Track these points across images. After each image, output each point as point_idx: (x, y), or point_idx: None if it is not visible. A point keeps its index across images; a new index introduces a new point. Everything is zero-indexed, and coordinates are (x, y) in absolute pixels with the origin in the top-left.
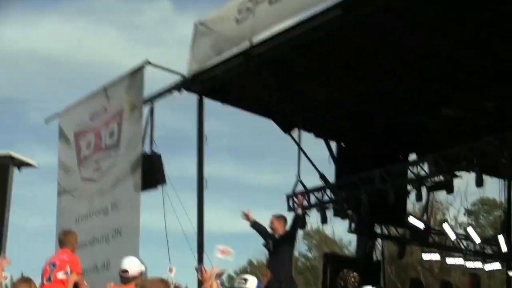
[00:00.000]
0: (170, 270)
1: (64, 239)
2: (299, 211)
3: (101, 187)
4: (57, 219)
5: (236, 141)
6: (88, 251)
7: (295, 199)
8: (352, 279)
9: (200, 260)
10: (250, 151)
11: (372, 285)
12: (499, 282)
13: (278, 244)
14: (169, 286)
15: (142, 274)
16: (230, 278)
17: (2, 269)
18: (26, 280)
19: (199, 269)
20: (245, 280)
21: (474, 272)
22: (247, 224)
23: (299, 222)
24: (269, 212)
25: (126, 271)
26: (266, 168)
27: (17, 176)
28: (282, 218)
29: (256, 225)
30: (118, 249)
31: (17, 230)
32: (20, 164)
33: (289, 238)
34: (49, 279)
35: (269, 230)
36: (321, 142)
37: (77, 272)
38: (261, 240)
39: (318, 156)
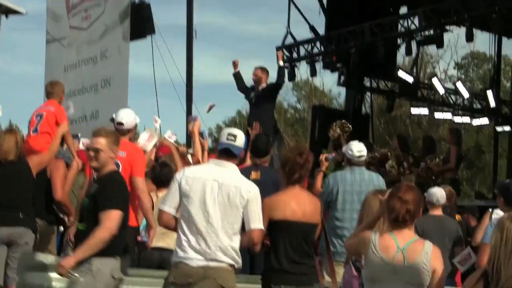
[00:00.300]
0: (156, 122)
1: (51, 90)
2: (281, 62)
3: (90, 36)
4: (46, 67)
5: None
6: (77, 100)
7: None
8: (346, 128)
9: (189, 109)
10: (240, 0)
11: (360, 139)
12: (486, 137)
13: (261, 96)
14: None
15: (136, 126)
16: (219, 128)
17: None
18: (11, 131)
19: (194, 119)
20: (235, 136)
21: (455, 127)
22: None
23: (283, 73)
24: (259, 62)
25: (121, 124)
26: (256, 18)
27: (5, 23)
28: (266, 71)
29: (238, 76)
30: (106, 99)
31: (4, 76)
32: (8, 11)
33: (271, 90)
34: (35, 130)
35: (249, 83)
36: None
37: (61, 122)
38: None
39: (308, 8)
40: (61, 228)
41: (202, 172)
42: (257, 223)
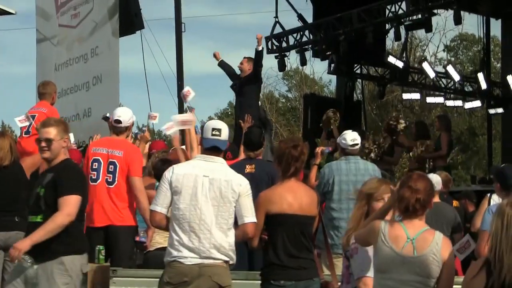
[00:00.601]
0: (154, 118)
1: (44, 91)
2: (259, 47)
3: (79, 33)
4: (37, 66)
5: None
6: (69, 99)
7: (257, 36)
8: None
9: (181, 103)
10: None
11: (352, 126)
12: (479, 120)
13: (244, 84)
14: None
15: (133, 124)
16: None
17: None
18: (3, 134)
19: (191, 109)
20: (219, 130)
21: (443, 113)
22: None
23: (261, 58)
24: (248, 52)
25: (119, 121)
26: (244, 8)
27: None
28: (252, 60)
29: (222, 64)
30: (98, 96)
31: None
32: None
33: (253, 76)
34: (27, 132)
35: (237, 71)
36: None
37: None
38: None
39: None
40: None
41: (191, 169)
42: (250, 217)
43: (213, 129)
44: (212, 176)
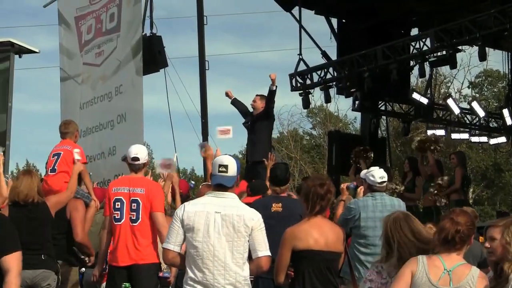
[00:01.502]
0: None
1: (66, 131)
2: (273, 87)
3: (103, 72)
4: (61, 105)
5: (236, 19)
6: (94, 137)
7: (270, 75)
8: (366, 154)
9: (206, 141)
10: (251, 29)
11: (377, 163)
12: (505, 155)
13: (256, 122)
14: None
15: (149, 161)
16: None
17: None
18: (29, 172)
19: (203, 146)
20: (226, 167)
21: (459, 150)
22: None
23: (273, 96)
24: None
25: (137, 159)
26: (267, 46)
27: (18, 62)
28: (265, 98)
29: (235, 102)
30: (123, 134)
31: (20, 116)
32: (21, 51)
33: (265, 114)
34: (53, 170)
35: (250, 108)
36: (321, 18)
37: (82, 162)
38: None
39: (319, 33)
40: (83, 269)
41: (203, 206)
42: (264, 250)
43: (220, 166)
44: (224, 212)
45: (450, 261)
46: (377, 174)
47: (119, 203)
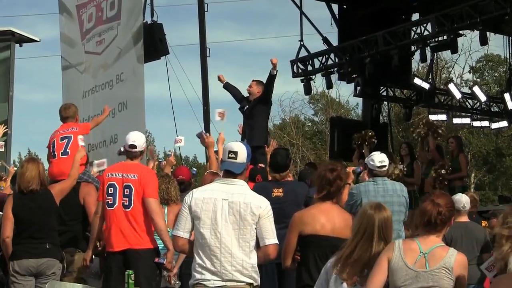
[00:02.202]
0: (179, 141)
1: (66, 114)
2: (274, 71)
3: (104, 60)
4: (63, 94)
5: (237, 6)
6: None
7: (272, 60)
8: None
9: (207, 129)
10: (252, 16)
11: (379, 149)
12: (506, 140)
13: (253, 107)
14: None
15: (146, 149)
16: None
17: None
18: (33, 160)
19: (199, 135)
20: (235, 153)
21: (456, 135)
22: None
23: (273, 81)
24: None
25: (134, 146)
26: (268, 33)
27: (19, 52)
28: (261, 83)
29: (228, 86)
30: (124, 122)
31: (21, 105)
32: (22, 40)
33: (263, 99)
34: (65, 153)
35: (245, 93)
36: (322, 5)
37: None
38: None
39: (320, 20)
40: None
41: (211, 192)
42: (271, 238)
43: (230, 152)
44: (231, 199)
45: (426, 244)
46: (377, 158)
47: (112, 188)
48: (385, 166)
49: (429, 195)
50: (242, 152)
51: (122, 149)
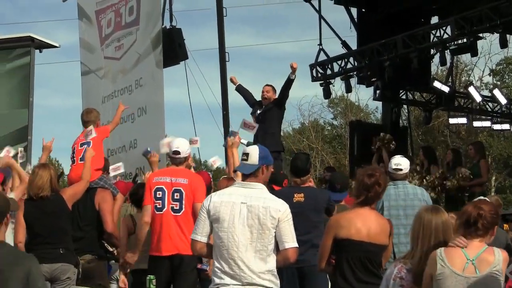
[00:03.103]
0: (195, 142)
1: (87, 119)
2: (293, 76)
3: (123, 65)
4: (83, 99)
5: (256, 11)
6: (115, 131)
7: (292, 64)
8: (387, 139)
9: (226, 133)
10: (270, 20)
11: (399, 153)
12: None
13: (267, 111)
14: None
15: (190, 154)
16: None
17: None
18: (44, 166)
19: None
20: (247, 155)
21: (477, 140)
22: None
23: (290, 85)
24: (294, 81)
25: (178, 152)
26: (287, 37)
27: (38, 57)
28: (275, 89)
29: (241, 89)
30: (144, 127)
31: (41, 111)
32: (41, 45)
33: (278, 102)
34: (83, 159)
35: (256, 97)
36: (341, 8)
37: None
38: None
39: (339, 24)
40: (112, 261)
41: (229, 196)
42: (291, 242)
43: (243, 154)
44: (250, 203)
45: (471, 250)
46: (394, 161)
47: (160, 192)
48: (400, 169)
49: (474, 201)
50: (254, 153)
51: (148, 149)
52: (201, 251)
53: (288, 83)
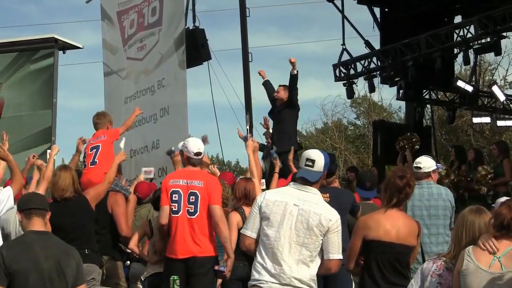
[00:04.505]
0: (205, 139)
1: (97, 121)
2: (294, 71)
3: (146, 66)
4: (105, 100)
5: (279, 11)
6: (138, 131)
7: (290, 59)
8: (411, 139)
9: (250, 133)
10: (293, 20)
11: (422, 152)
12: None
13: (281, 111)
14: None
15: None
16: None
17: (54, 155)
18: (66, 168)
19: (245, 138)
20: (313, 161)
21: (500, 140)
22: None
23: (295, 81)
24: (317, 81)
25: (200, 154)
26: (310, 37)
27: (62, 58)
28: (288, 88)
29: (267, 84)
30: (166, 128)
31: (64, 112)
32: (65, 47)
33: (290, 103)
34: (93, 163)
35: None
36: (364, 8)
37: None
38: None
39: (362, 23)
40: (128, 262)
41: (283, 196)
42: (336, 253)
43: (307, 159)
44: (302, 206)
45: (500, 248)
46: (416, 160)
47: (176, 195)
48: (419, 167)
49: (509, 201)
50: (320, 160)
51: (173, 148)
52: (250, 247)
53: (292, 80)
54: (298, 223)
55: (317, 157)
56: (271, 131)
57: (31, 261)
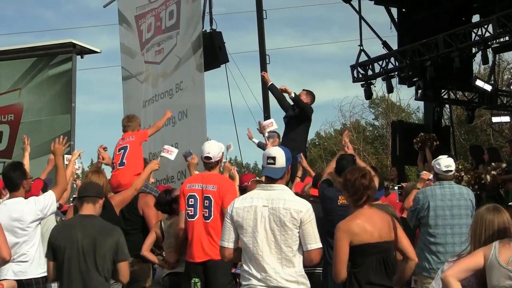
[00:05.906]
0: (229, 148)
1: (128, 124)
2: (292, 94)
3: (164, 69)
4: (124, 104)
5: (296, 12)
6: (156, 134)
7: (281, 88)
8: (430, 138)
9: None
10: (310, 22)
11: (442, 152)
12: None
13: (294, 117)
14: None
15: (223, 155)
16: None
17: (74, 160)
18: (98, 172)
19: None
20: (274, 158)
21: (490, 147)
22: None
23: (298, 101)
24: (335, 82)
25: (209, 157)
26: (327, 38)
27: (80, 63)
28: (310, 95)
29: (273, 88)
30: (185, 131)
31: (83, 116)
32: (83, 51)
33: (304, 113)
34: (122, 164)
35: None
36: (381, 9)
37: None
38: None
39: (379, 24)
40: (156, 265)
41: (250, 200)
42: (314, 243)
43: (268, 158)
44: (271, 206)
45: None
46: (443, 163)
47: (192, 199)
48: (451, 171)
49: None
50: (281, 157)
51: (190, 151)
52: (230, 257)
53: (294, 101)
54: (272, 223)
55: (277, 153)
56: (255, 140)
57: (69, 238)
